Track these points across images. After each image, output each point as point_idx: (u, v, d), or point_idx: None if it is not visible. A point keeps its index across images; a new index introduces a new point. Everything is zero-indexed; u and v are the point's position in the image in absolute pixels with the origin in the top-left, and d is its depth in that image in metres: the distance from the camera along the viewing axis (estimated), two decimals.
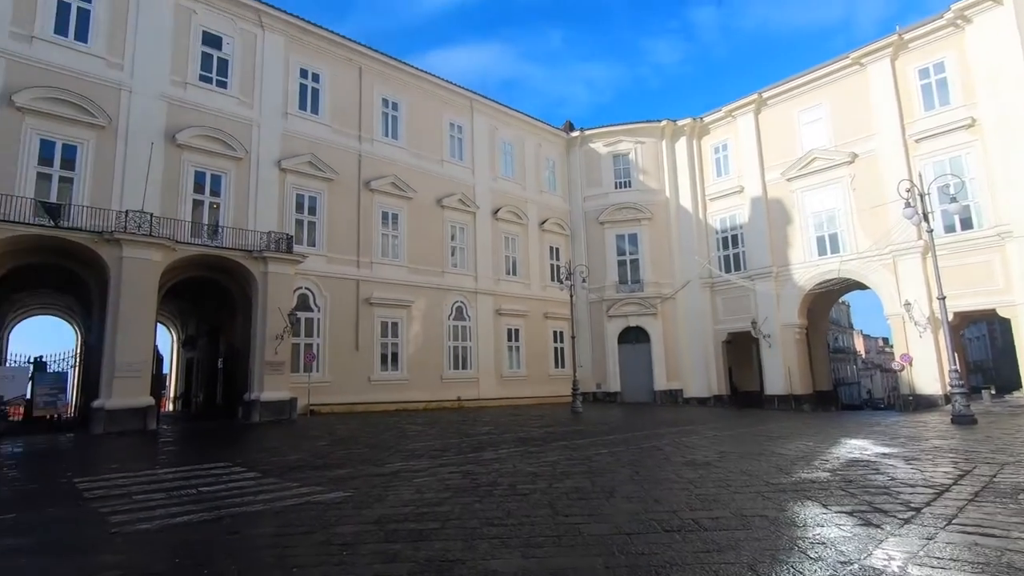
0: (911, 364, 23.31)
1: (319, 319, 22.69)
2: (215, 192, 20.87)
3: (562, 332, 31.56)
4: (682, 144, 32.59)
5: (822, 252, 26.65)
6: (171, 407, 30.36)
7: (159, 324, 22.78)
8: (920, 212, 16.72)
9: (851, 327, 77.28)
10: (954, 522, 5.56)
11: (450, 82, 29.28)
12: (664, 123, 32.50)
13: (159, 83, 20.02)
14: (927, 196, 17.50)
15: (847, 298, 42.88)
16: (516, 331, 30.03)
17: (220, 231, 20.24)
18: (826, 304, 30.88)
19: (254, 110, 22.23)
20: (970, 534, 5.17)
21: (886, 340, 74.53)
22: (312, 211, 23.30)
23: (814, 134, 27.40)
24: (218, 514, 6.65)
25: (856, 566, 4.44)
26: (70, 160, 17.88)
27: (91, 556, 5.34)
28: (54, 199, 17.25)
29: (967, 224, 22.38)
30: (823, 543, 5.04)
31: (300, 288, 21.81)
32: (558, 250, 33.18)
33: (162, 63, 20.21)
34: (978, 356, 56.30)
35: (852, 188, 25.67)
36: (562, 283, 25.62)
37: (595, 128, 33.99)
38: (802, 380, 27.37)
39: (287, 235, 20.70)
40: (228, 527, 6.17)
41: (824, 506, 6.40)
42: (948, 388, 18.04)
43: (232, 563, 5.04)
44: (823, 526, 5.61)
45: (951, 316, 19.14)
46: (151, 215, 17.43)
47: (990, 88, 21.85)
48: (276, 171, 22.33)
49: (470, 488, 7.95)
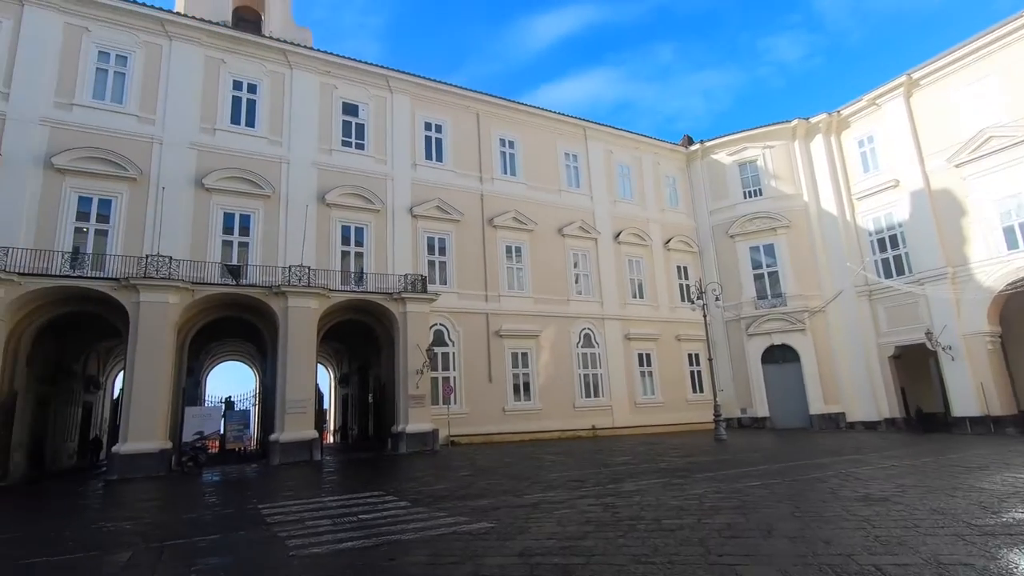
0: None
1: (454, 353, 23.86)
2: (359, 242, 23.15)
3: (697, 355, 29.92)
4: (818, 143, 29.88)
5: (1012, 245, 22.49)
6: (331, 439, 33.51)
7: (319, 364, 25.47)
8: None
9: None
10: None
11: (562, 114, 29.92)
12: (795, 123, 30.12)
13: (312, 154, 22.89)
14: None
15: None
16: (647, 356, 29.03)
17: (364, 277, 22.32)
18: None
19: (387, 165, 24.47)
20: None
21: None
22: (442, 251, 24.83)
23: (983, 110, 23.59)
24: (376, 541, 7.14)
25: None
26: (245, 227, 21.00)
27: None
28: (235, 261, 20.29)
29: None
30: None
31: (435, 324, 23.17)
32: (686, 269, 31.78)
33: (311, 136, 23.12)
34: None
35: None
36: (693, 303, 24.44)
37: (716, 139, 32.46)
38: (1002, 398, 22.93)
39: (421, 276, 22.23)
40: (386, 554, 6.59)
41: None
42: None
43: None
44: None
45: None
46: (308, 268, 19.78)
47: None
48: (409, 218, 24.23)
49: (612, 522, 7.72)
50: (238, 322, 21.40)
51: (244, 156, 21.50)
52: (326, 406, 33.01)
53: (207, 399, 27.44)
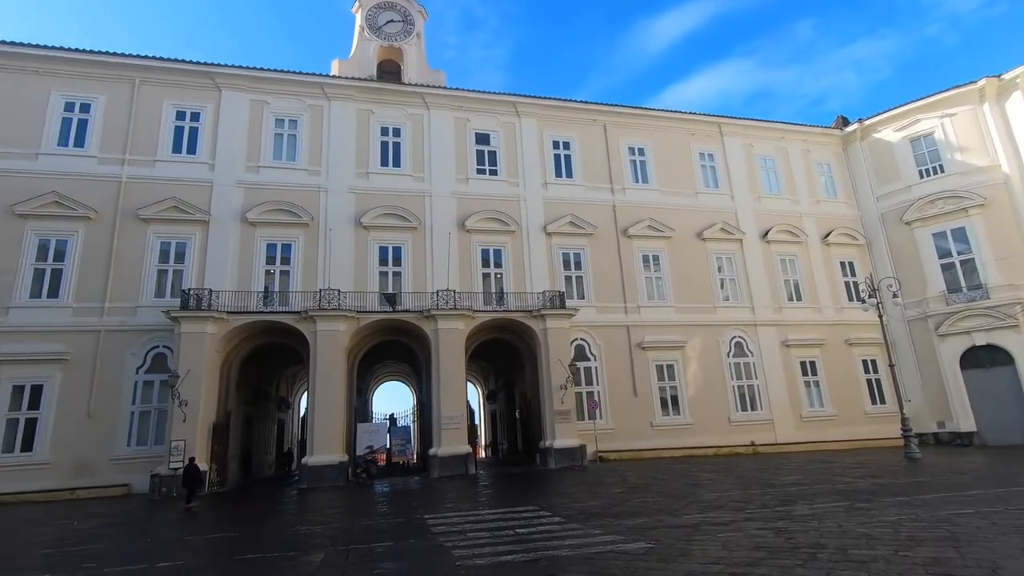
0: None
1: (596, 367, 23.65)
2: (497, 263, 24.13)
3: (874, 360, 26.37)
4: (1017, 102, 25.04)
5: None
6: (483, 454, 34.92)
7: (467, 382, 26.80)
8: None
9: None
10: None
11: (692, 113, 28.65)
12: (983, 82, 25.61)
13: (451, 184, 24.51)
14: None
15: None
16: (811, 363, 26.18)
17: (504, 297, 23.17)
18: None
19: (520, 187, 25.31)
20: None
21: None
22: (577, 266, 24.90)
23: None
24: (535, 556, 7.27)
25: None
26: (397, 258, 23.03)
27: None
28: (390, 290, 22.31)
29: None
30: None
31: (576, 339, 23.21)
32: (851, 264, 28.29)
33: (449, 168, 24.77)
34: None
35: None
36: (864, 301, 21.58)
37: (878, 115, 28.70)
38: None
39: (559, 292, 22.49)
40: (545, 569, 6.66)
41: None
42: None
43: None
44: None
45: None
46: (454, 292, 21.06)
47: None
48: (543, 236, 24.74)
49: (787, 548, 7.01)
50: (396, 345, 23.37)
51: (393, 194, 23.67)
52: (476, 422, 34.55)
53: (374, 417, 30.23)
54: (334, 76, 25.01)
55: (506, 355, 25.90)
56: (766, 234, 27.43)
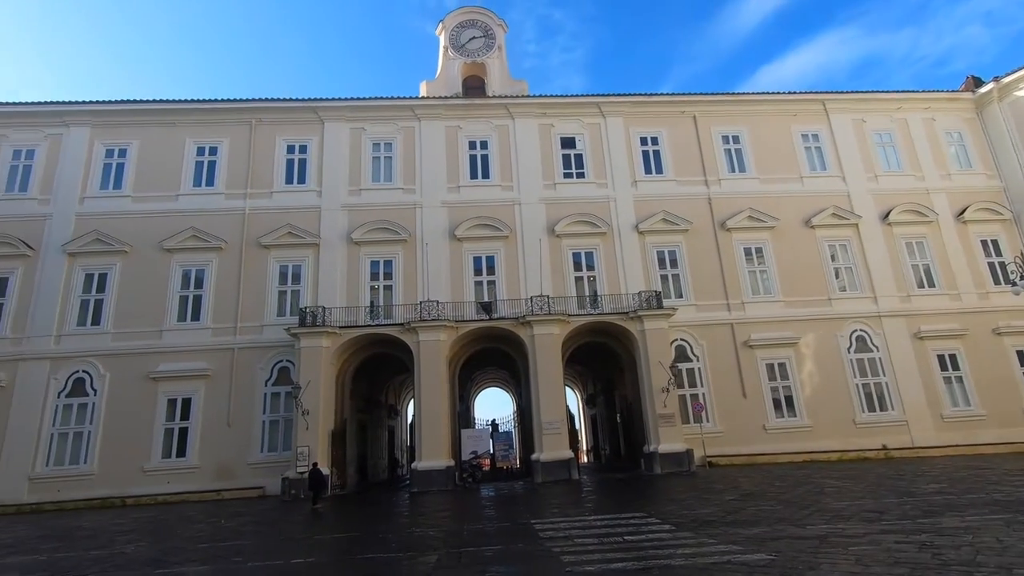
0: None
1: (699, 368, 22.66)
2: (589, 266, 23.93)
3: None
4: None
5: None
6: (585, 459, 34.60)
7: (565, 386, 26.76)
8: None
9: None
10: None
11: (791, 92, 26.75)
12: None
13: (538, 191, 24.73)
14: None
15: None
16: (951, 357, 23.30)
17: (599, 299, 22.90)
18: None
19: (608, 187, 24.97)
20: None
21: None
22: (673, 264, 24.05)
23: None
24: (646, 564, 7.09)
25: None
26: (491, 267, 23.59)
27: None
28: (486, 298, 22.87)
29: None
30: None
31: (676, 340, 22.40)
32: (995, 243, 24.91)
33: (536, 175, 25.00)
34: None
35: None
36: (1015, 284, 18.82)
37: (1020, 70, 25.09)
38: None
39: (656, 292, 21.84)
40: None
41: None
42: None
43: None
44: None
45: None
46: (548, 297, 21.17)
47: None
48: (635, 235, 24.18)
49: (935, 566, 6.28)
50: (494, 352, 23.87)
51: (483, 205, 24.30)
52: (577, 426, 34.33)
53: (477, 423, 31.02)
54: (422, 98, 26.21)
55: (603, 359, 25.54)
56: (887, 216, 24.88)
